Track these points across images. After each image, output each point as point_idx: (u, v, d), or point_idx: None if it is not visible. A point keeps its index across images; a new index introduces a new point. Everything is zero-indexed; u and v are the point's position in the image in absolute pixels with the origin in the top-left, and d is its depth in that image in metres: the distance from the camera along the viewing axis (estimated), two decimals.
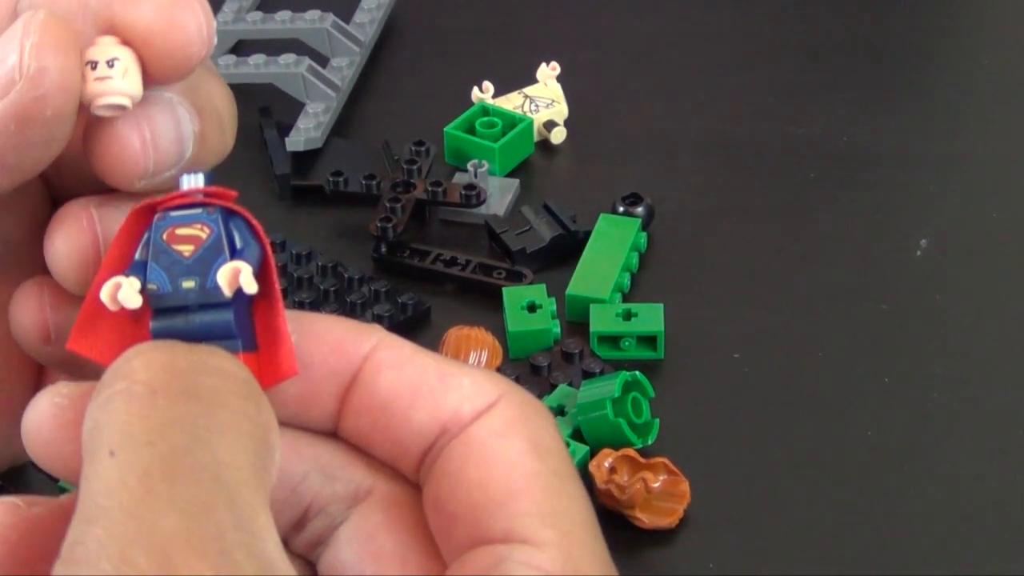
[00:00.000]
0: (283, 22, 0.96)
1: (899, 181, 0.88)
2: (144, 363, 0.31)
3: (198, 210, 0.33)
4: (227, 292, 0.33)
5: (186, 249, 0.33)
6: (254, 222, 0.33)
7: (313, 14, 0.96)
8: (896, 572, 0.65)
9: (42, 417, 0.32)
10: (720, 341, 0.77)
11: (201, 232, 0.33)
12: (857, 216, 0.86)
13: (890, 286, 0.81)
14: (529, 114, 0.91)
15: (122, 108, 0.34)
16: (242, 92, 0.75)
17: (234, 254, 0.33)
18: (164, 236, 0.33)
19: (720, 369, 0.75)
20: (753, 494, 0.69)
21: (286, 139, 0.89)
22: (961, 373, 0.75)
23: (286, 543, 0.34)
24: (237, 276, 0.32)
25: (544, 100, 0.93)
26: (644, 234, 0.83)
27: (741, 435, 0.72)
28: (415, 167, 0.86)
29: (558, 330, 0.76)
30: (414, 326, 0.79)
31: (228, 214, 0.33)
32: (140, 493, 0.28)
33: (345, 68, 0.95)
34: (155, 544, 0.28)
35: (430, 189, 0.84)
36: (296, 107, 0.91)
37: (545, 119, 0.92)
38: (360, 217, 0.84)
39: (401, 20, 1.03)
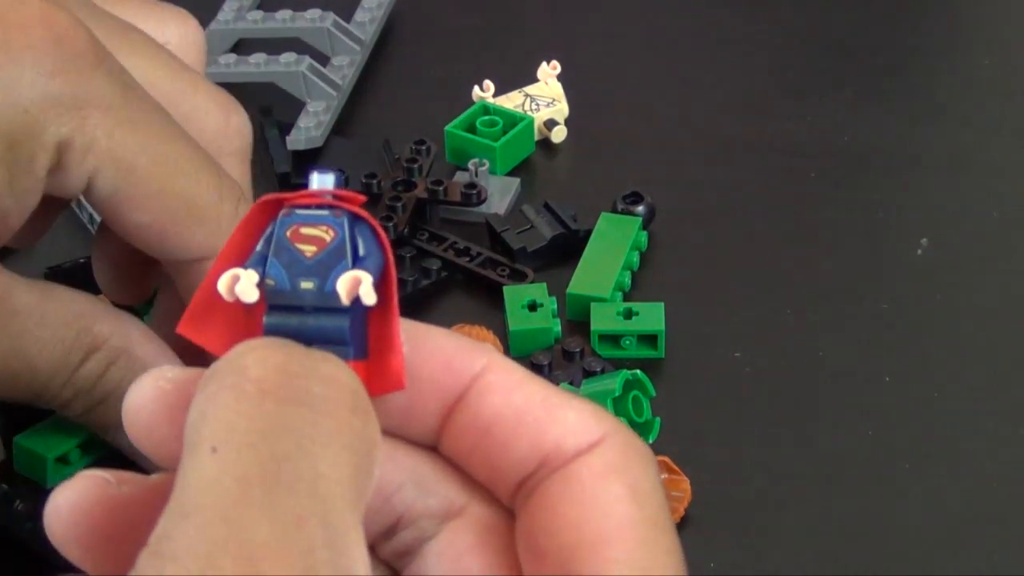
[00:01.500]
0: (284, 21, 0.96)
1: (899, 181, 0.88)
2: (257, 360, 0.31)
3: (325, 211, 0.33)
4: (345, 300, 0.32)
5: (308, 249, 0.33)
6: (380, 231, 0.33)
7: (314, 13, 0.96)
8: (897, 572, 0.65)
9: (145, 398, 0.32)
10: (720, 340, 0.77)
11: (326, 234, 0.33)
12: (857, 216, 0.86)
13: (890, 286, 0.81)
14: (530, 113, 0.91)
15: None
16: (243, 91, 0.75)
17: (356, 261, 0.33)
18: (288, 233, 0.33)
19: (720, 369, 0.75)
20: (753, 494, 0.69)
21: (287, 138, 0.89)
22: (961, 373, 0.75)
23: (374, 549, 0.34)
24: (357, 286, 0.32)
25: (545, 99, 0.93)
26: (645, 233, 0.83)
27: (741, 435, 0.72)
28: (416, 166, 0.86)
29: (559, 329, 0.76)
30: (437, 291, 0.80)
31: (354, 219, 0.33)
32: (236, 496, 0.28)
33: (346, 67, 0.95)
34: (244, 551, 0.28)
35: (431, 188, 0.84)
36: (297, 106, 0.91)
37: (546, 118, 0.92)
38: None
39: (402, 19, 1.03)
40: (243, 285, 0.32)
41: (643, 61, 1.00)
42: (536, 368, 0.74)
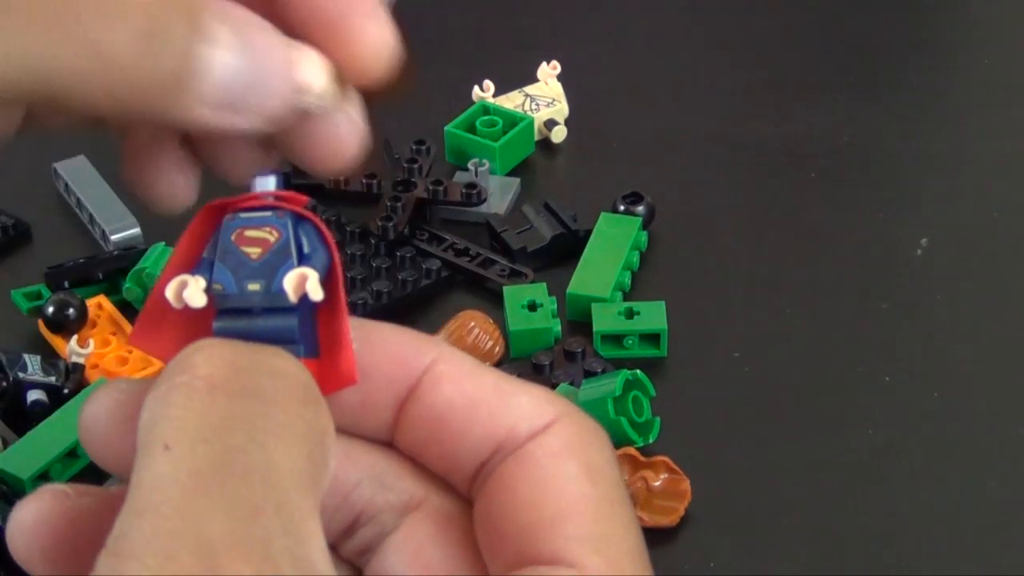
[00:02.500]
0: None
1: (899, 181, 0.88)
2: (206, 358, 0.31)
3: (268, 213, 0.33)
4: (292, 298, 0.32)
5: (254, 251, 0.33)
6: (324, 229, 0.33)
7: None
8: (896, 572, 0.65)
9: (99, 411, 0.32)
10: (720, 340, 0.77)
11: (270, 235, 0.33)
12: (857, 216, 0.86)
13: (890, 286, 0.81)
14: (530, 113, 0.91)
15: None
16: None
17: (301, 260, 0.33)
18: (233, 237, 0.33)
19: (720, 368, 0.75)
20: (753, 494, 0.69)
21: None
22: (961, 372, 0.75)
23: (335, 548, 0.34)
24: (303, 282, 0.32)
25: (545, 99, 0.93)
26: (644, 233, 0.83)
27: (741, 435, 0.72)
28: (416, 166, 0.86)
29: (559, 329, 0.76)
30: (437, 291, 0.80)
31: (298, 219, 0.33)
32: (191, 491, 0.28)
33: None
34: (202, 544, 0.28)
35: (431, 188, 0.84)
36: None
37: (546, 118, 0.92)
38: (361, 216, 0.84)
39: (401, 19, 1.03)
40: (191, 291, 0.32)
41: (643, 61, 1.00)
42: (537, 368, 0.74)
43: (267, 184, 0.34)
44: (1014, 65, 0.99)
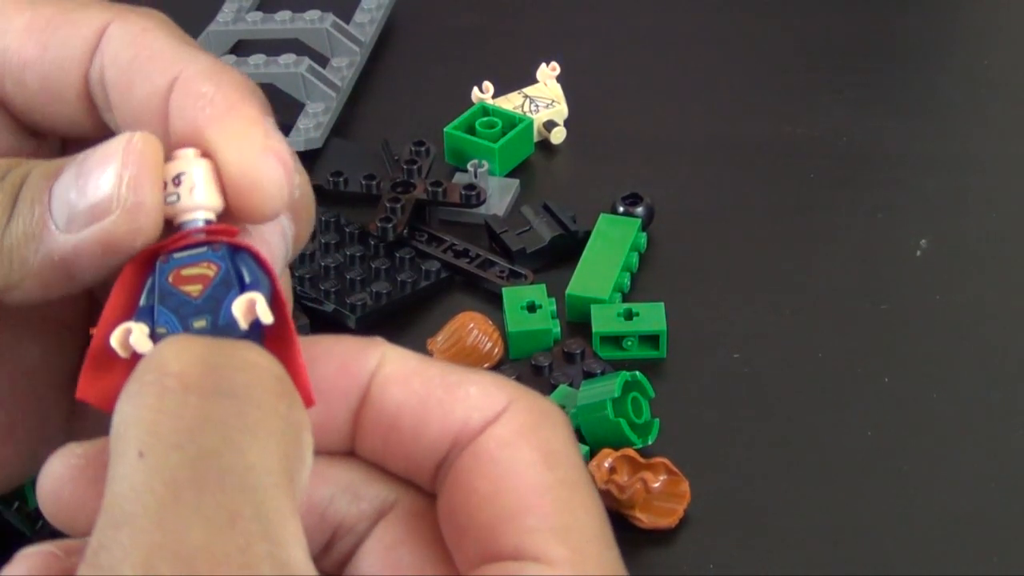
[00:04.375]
0: (283, 22, 0.96)
1: (899, 181, 0.88)
2: (176, 354, 0.30)
3: (203, 249, 0.33)
4: (243, 324, 0.32)
5: (194, 289, 0.32)
6: (261, 255, 0.33)
7: (313, 14, 0.96)
8: (896, 572, 0.65)
9: (59, 481, 0.32)
10: (720, 341, 0.77)
11: (208, 270, 0.32)
12: (857, 216, 0.86)
13: (890, 286, 0.80)
14: (529, 114, 0.91)
15: (208, 223, 0.33)
16: None
17: (243, 289, 0.32)
18: (169, 279, 0.32)
19: (720, 369, 0.75)
20: (753, 494, 0.69)
21: (286, 139, 0.89)
22: (961, 373, 0.75)
23: (317, 562, 0.34)
24: (253, 307, 0.32)
25: (544, 100, 0.93)
26: (644, 234, 0.83)
27: (741, 435, 0.71)
28: (415, 167, 0.86)
29: (558, 330, 0.76)
30: (436, 292, 0.80)
31: (233, 250, 0.33)
32: (167, 500, 0.28)
33: (345, 68, 0.95)
34: (180, 555, 0.27)
35: (430, 189, 0.84)
36: (296, 107, 0.91)
37: (545, 119, 0.92)
38: (360, 217, 0.84)
39: (401, 20, 1.03)
40: (136, 337, 0.32)
41: (643, 61, 1.00)
42: (536, 370, 0.74)
43: (195, 222, 0.33)
44: (1014, 66, 0.99)
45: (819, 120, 0.93)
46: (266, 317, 0.32)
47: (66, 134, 0.39)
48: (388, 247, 0.82)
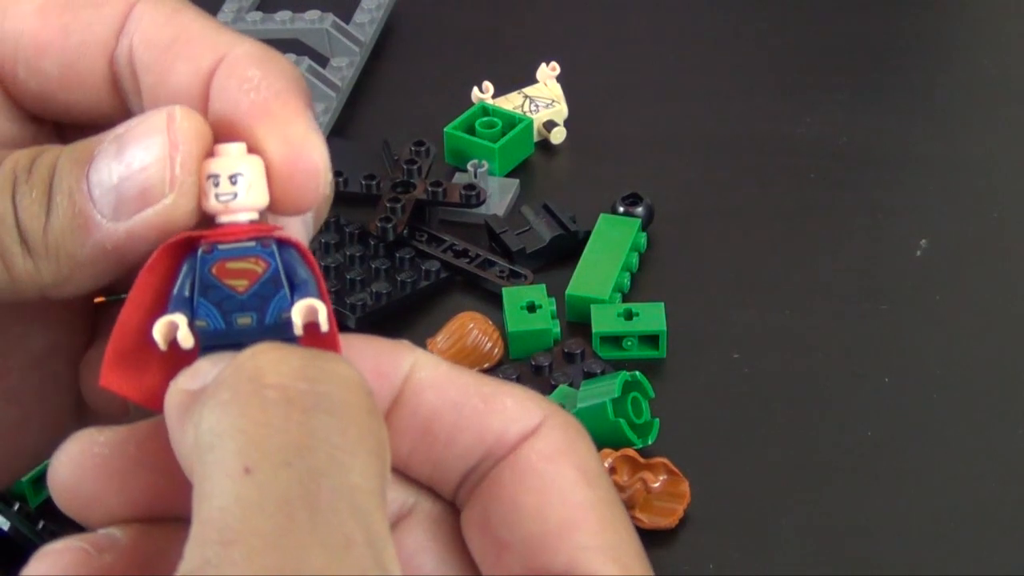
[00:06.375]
0: (283, 22, 0.96)
1: (899, 181, 0.88)
2: (274, 364, 0.29)
3: (251, 243, 0.32)
4: (299, 330, 0.31)
5: (239, 284, 0.31)
6: (310, 255, 0.32)
7: (313, 14, 0.96)
8: (896, 572, 0.65)
9: (79, 469, 0.31)
10: (720, 341, 0.77)
11: (256, 266, 0.31)
12: (857, 216, 0.86)
13: (890, 286, 0.80)
14: (529, 114, 0.91)
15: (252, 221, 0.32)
16: None
17: (294, 289, 0.32)
18: (213, 270, 0.31)
19: (720, 369, 0.75)
20: (753, 494, 0.69)
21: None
22: (961, 373, 0.75)
23: None
24: (314, 315, 0.31)
25: (544, 100, 0.93)
26: (644, 234, 0.83)
27: (741, 435, 0.71)
28: (415, 167, 0.86)
29: (558, 330, 0.76)
30: (436, 292, 0.80)
31: (282, 246, 0.32)
32: (282, 522, 0.27)
33: (345, 68, 0.95)
34: None
35: (430, 189, 0.84)
36: None
37: (545, 119, 0.92)
38: (360, 217, 0.84)
39: (401, 20, 1.03)
40: (183, 333, 0.31)
41: (643, 61, 1.00)
42: (536, 370, 0.74)
43: (238, 216, 0.32)
44: (1014, 66, 0.99)
45: (819, 120, 0.93)
46: (325, 326, 0.31)
47: (82, 120, 0.38)
48: (388, 247, 0.82)
